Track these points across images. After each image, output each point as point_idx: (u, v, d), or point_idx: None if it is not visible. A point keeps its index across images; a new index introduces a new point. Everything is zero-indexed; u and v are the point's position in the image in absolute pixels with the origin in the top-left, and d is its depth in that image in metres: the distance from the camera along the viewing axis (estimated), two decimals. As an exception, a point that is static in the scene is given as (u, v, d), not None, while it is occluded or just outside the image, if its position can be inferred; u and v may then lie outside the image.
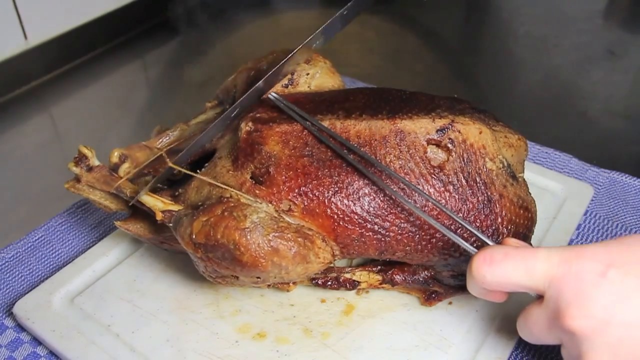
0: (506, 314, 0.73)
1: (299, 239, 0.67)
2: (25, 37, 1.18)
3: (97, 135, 1.07)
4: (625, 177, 0.94)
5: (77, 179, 0.76)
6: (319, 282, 0.75)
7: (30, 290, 0.77)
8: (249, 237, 0.65)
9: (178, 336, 0.72)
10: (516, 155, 0.73)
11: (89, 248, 0.83)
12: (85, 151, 0.76)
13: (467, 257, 0.69)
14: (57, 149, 1.10)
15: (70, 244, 0.87)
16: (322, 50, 0.79)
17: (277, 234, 0.66)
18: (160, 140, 0.81)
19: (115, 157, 0.77)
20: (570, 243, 0.84)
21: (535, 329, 0.58)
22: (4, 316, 0.77)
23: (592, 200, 0.90)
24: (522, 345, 0.72)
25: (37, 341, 0.74)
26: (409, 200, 0.66)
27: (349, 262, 0.81)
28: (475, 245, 0.64)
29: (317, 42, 0.75)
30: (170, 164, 0.73)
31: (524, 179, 0.74)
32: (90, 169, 0.75)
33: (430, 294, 0.75)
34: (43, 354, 0.73)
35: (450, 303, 0.75)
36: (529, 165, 0.92)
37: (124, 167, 0.77)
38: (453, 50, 1.40)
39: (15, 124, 1.14)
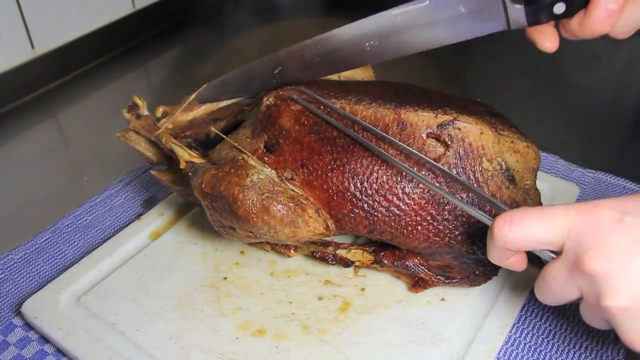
0: (497, 309, 0.75)
1: (290, 204, 0.72)
2: (33, 46, 1.19)
3: (102, 140, 1.09)
4: (610, 177, 0.96)
5: (127, 129, 0.86)
6: (317, 255, 0.79)
7: (38, 290, 0.78)
8: (245, 193, 0.71)
9: (181, 333, 0.73)
10: (522, 161, 0.73)
11: (94, 249, 0.84)
12: (138, 101, 0.85)
13: (452, 249, 0.71)
14: (63, 153, 1.11)
15: (76, 245, 0.88)
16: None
17: (270, 195, 0.71)
18: (201, 105, 0.87)
19: (159, 112, 0.86)
20: None
21: (554, 283, 0.57)
22: (12, 315, 0.78)
23: (578, 199, 0.91)
24: (512, 339, 0.73)
25: (44, 339, 0.75)
26: (419, 174, 0.68)
27: (353, 241, 0.84)
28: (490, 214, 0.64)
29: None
30: (214, 130, 0.83)
31: (536, 189, 0.75)
32: (139, 116, 0.85)
33: (417, 281, 0.77)
34: (50, 352, 0.74)
35: (442, 299, 0.77)
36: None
37: (163, 121, 0.85)
38: (444, 55, 1.41)
39: (24, 130, 1.15)
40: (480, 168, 0.69)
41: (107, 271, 0.81)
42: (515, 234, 0.57)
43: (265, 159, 0.74)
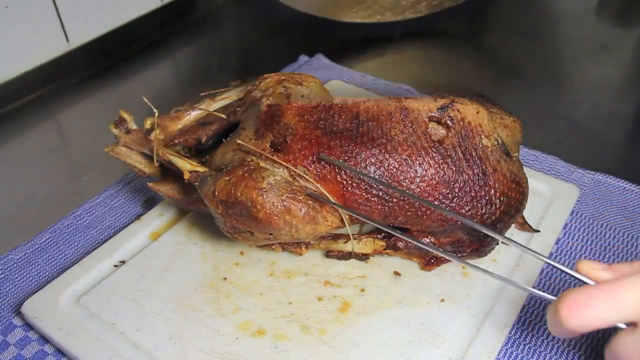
0: (497, 310, 0.75)
1: (309, 202, 0.72)
2: (67, 40, 1.23)
3: (102, 140, 1.09)
4: (610, 178, 0.97)
5: (116, 144, 0.85)
6: (331, 254, 0.81)
7: (38, 290, 0.78)
8: (265, 196, 0.71)
9: (180, 333, 0.74)
10: (511, 135, 0.78)
11: (94, 249, 0.84)
12: (125, 116, 0.83)
13: (463, 225, 0.74)
14: (63, 153, 1.11)
15: (76, 245, 0.88)
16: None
17: (290, 195, 0.72)
18: (189, 112, 0.86)
19: (148, 124, 0.84)
20: (557, 242, 0.86)
21: (628, 356, 0.55)
22: (12, 315, 0.78)
23: (578, 200, 0.92)
24: (512, 341, 0.73)
25: (44, 339, 0.75)
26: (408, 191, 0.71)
27: (360, 230, 0.84)
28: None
29: None
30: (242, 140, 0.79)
31: (518, 159, 0.78)
32: (128, 131, 0.83)
33: (429, 260, 0.80)
34: (50, 352, 0.74)
35: (442, 300, 0.77)
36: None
37: (155, 133, 0.83)
38: (454, 43, 1.44)
39: (24, 130, 1.15)
40: (481, 145, 0.74)
41: (107, 271, 0.82)
42: (583, 320, 0.54)
43: (275, 158, 0.74)
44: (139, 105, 1.20)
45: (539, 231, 0.84)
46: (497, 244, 0.79)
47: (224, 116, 0.84)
